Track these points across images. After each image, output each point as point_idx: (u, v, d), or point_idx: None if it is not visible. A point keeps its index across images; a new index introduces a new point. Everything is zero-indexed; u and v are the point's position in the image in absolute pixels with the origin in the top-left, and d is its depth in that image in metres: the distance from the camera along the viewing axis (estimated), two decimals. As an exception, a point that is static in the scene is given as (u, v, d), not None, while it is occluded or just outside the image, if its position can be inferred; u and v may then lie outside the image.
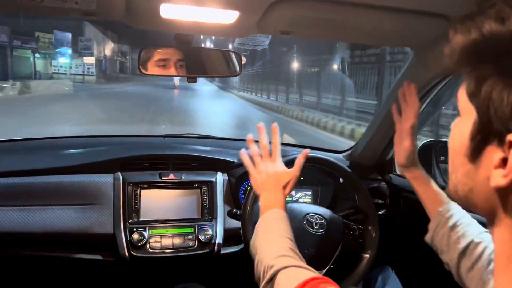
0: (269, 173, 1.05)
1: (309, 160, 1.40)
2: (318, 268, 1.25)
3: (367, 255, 1.30)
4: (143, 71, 1.19)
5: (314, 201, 1.72)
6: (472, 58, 0.46)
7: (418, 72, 1.38)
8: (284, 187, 1.05)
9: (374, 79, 11.56)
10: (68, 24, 29.86)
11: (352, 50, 13.09)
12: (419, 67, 1.35)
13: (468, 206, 0.52)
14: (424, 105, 1.50)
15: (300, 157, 1.12)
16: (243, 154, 1.15)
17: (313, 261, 1.25)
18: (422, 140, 1.66)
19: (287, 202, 1.25)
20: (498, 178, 0.44)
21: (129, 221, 1.39)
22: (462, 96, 0.49)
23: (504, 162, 0.43)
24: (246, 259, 1.25)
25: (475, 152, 0.47)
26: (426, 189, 1.05)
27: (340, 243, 1.30)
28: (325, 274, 1.25)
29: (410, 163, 1.10)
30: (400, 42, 1.25)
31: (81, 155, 1.52)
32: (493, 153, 0.44)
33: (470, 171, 0.48)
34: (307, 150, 1.14)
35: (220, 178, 1.53)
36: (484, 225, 0.59)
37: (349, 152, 1.92)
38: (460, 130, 0.50)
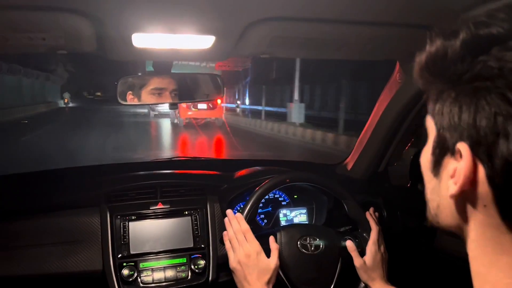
0: (249, 267, 1.11)
1: (291, 179, 1.36)
2: None
3: None
4: (121, 102, 1.15)
5: (310, 219, 1.67)
6: (427, 75, 0.49)
7: (405, 83, 1.35)
8: (268, 282, 1.10)
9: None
10: None
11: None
12: (406, 78, 1.33)
13: (438, 224, 0.53)
14: (412, 115, 1.47)
15: (273, 245, 1.18)
16: (225, 236, 1.21)
17: (316, 283, 1.23)
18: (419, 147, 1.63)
19: (277, 230, 1.26)
20: (452, 187, 0.46)
21: (119, 255, 1.33)
22: (428, 117, 0.52)
23: None
24: None
25: (436, 166, 0.49)
26: None
27: (340, 257, 1.26)
28: None
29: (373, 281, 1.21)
30: (384, 55, 1.23)
31: (65, 189, 1.47)
32: (449, 165, 0.47)
33: (435, 187, 0.51)
34: (273, 240, 1.21)
35: (211, 203, 1.48)
36: None
37: (341, 165, 1.88)
38: (427, 148, 0.52)
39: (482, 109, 0.41)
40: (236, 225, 1.18)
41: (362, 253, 1.28)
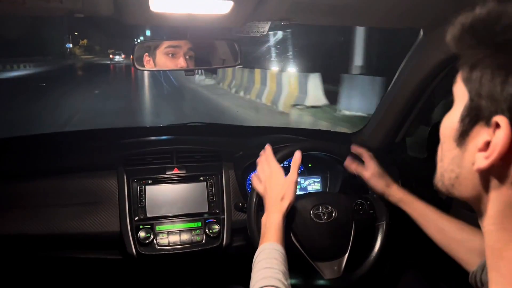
0: (270, 187, 1.12)
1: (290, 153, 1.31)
2: (339, 255, 1.24)
3: (381, 224, 1.29)
4: (138, 67, 1.14)
5: (324, 188, 1.68)
6: (470, 38, 0.46)
7: (428, 52, 1.31)
8: (282, 198, 1.10)
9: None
10: None
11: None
12: (429, 47, 1.28)
13: (454, 195, 0.51)
14: (434, 85, 1.43)
15: (294, 162, 1.16)
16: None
17: (332, 250, 1.24)
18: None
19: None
20: (481, 160, 0.44)
21: (135, 218, 1.37)
22: (458, 82, 0.49)
23: (488, 145, 0.43)
24: (253, 252, 1.23)
25: (463, 135, 0.47)
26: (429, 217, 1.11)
27: (353, 222, 1.27)
28: (348, 258, 1.24)
29: (389, 187, 1.22)
30: (408, 22, 1.18)
31: (82, 152, 1.49)
32: (479, 136, 0.44)
33: (456, 157, 0.48)
34: (298, 153, 1.18)
35: (226, 170, 1.49)
36: None
37: (358, 134, 1.86)
38: (452, 115, 0.50)
39: None
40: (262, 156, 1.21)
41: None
